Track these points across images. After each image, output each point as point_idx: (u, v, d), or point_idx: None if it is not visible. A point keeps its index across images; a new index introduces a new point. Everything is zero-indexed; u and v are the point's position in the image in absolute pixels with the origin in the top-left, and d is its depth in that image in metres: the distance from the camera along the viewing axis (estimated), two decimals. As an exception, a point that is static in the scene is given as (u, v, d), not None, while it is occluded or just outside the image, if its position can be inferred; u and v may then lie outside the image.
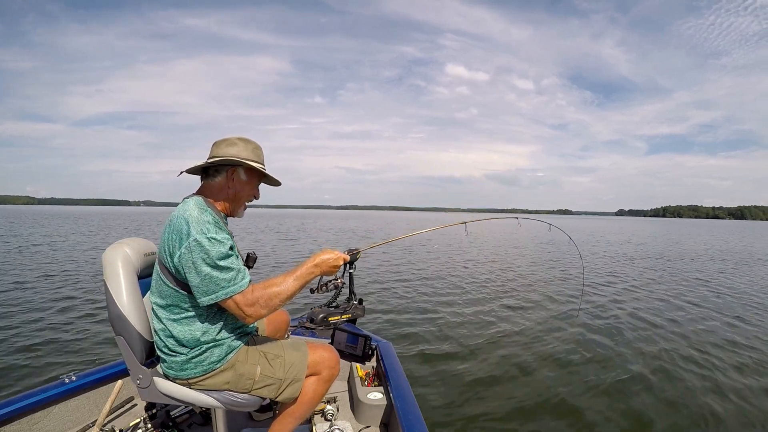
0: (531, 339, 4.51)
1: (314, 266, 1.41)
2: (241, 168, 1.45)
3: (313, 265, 1.41)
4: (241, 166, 1.45)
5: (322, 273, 1.44)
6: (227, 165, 1.44)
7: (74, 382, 1.82)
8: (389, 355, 2.20)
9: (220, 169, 1.44)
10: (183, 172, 1.45)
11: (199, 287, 1.24)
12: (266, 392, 1.42)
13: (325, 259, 1.43)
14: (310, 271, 1.40)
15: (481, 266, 10.74)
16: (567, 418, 2.88)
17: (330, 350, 1.55)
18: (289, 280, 1.35)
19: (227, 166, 1.44)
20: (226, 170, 1.44)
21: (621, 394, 3.21)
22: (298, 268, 1.39)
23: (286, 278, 1.35)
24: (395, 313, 5.42)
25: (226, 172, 1.44)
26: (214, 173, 1.44)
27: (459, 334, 4.66)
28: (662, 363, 3.86)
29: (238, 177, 1.45)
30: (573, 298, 6.77)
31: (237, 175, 1.45)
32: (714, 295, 7.24)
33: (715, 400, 3.12)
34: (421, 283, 7.85)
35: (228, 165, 1.44)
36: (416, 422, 1.58)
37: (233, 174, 1.45)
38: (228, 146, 1.44)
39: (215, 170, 1.44)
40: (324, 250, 1.45)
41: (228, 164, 1.43)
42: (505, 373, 3.57)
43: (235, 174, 1.45)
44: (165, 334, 1.35)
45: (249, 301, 1.28)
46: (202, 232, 1.23)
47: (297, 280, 1.36)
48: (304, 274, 1.38)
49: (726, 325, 5.23)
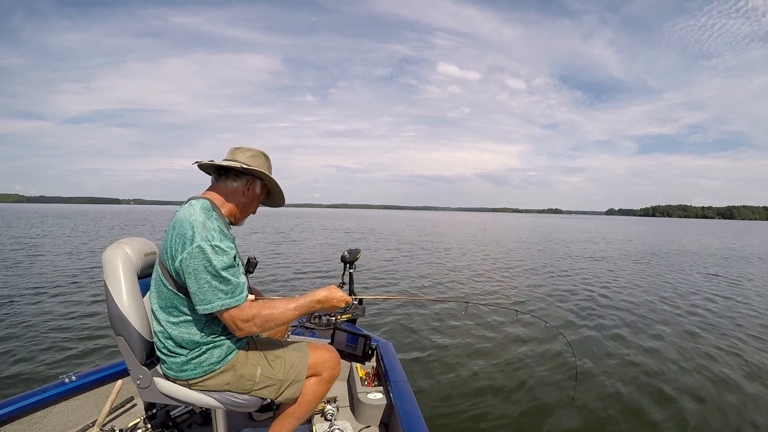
0: (531, 339, 4.50)
1: (317, 302, 1.41)
2: (260, 181, 1.48)
3: (316, 301, 1.41)
4: (261, 180, 1.48)
5: (322, 309, 1.45)
6: (249, 174, 1.45)
7: (74, 382, 1.82)
8: (389, 355, 2.21)
9: (241, 176, 1.45)
10: (196, 163, 1.44)
11: (196, 295, 1.24)
12: (266, 393, 1.42)
13: (329, 298, 1.43)
14: (311, 306, 1.40)
15: (485, 265, 10.78)
16: (567, 416, 2.89)
17: (331, 351, 1.56)
18: (289, 307, 1.35)
19: (248, 175, 1.45)
20: (246, 179, 1.45)
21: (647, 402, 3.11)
22: (300, 298, 1.39)
23: (287, 305, 1.35)
24: (395, 312, 5.42)
25: (246, 181, 1.45)
26: (234, 177, 1.44)
27: (459, 334, 4.67)
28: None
29: (254, 189, 1.48)
30: (573, 304, 6.80)
31: (254, 186, 1.48)
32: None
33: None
34: (421, 283, 7.87)
35: (250, 174, 1.45)
36: (416, 422, 1.59)
37: (252, 184, 1.47)
38: (252, 157, 1.45)
39: (235, 175, 1.44)
40: (330, 289, 1.45)
41: (251, 174, 1.44)
42: (505, 374, 3.59)
43: (253, 185, 1.47)
44: (164, 335, 1.35)
45: (244, 317, 1.27)
46: (206, 239, 1.23)
47: (296, 310, 1.36)
48: (304, 306, 1.39)
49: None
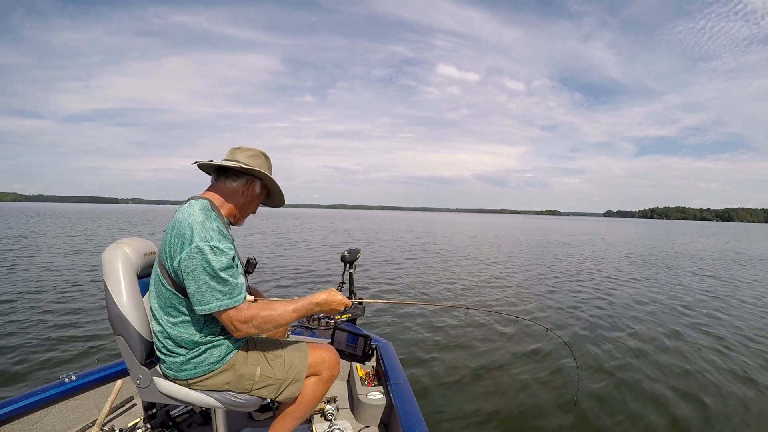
0: (532, 344, 4.46)
1: (316, 305, 1.41)
2: (259, 181, 1.48)
3: (315, 303, 1.41)
4: (261, 180, 1.48)
5: (321, 312, 1.45)
6: (248, 174, 1.45)
7: (74, 381, 1.82)
8: (389, 355, 2.21)
9: (240, 176, 1.45)
10: (196, 162, 1.44)
11: (195, 295, 1.24)
12: (266, 392, 1.42)
13: (329, 301, 1.43)
14: (310, 308, 1.40)
15: (487, 265, 10.78)
16: (568, 419, 2.88)
17: (330, 351, 1.56)
18: (288, 309, 1.34)
19: (248, 175, 1.45)
20: (246, 178, 1.46)
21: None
22: (299, 300, 1.39)
23: (286, 307, 1.35)
24: (395, 313, 5.41)
25: (246, 181, 1.46)
26: (233, 177, 1.45)
27: (460, 333, 4.67)
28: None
29: (253, 189, 1.48)
30: (572, 307, 6.82)
31: (254, 186, 1.48)
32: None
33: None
34: (421, 285, 7.86)
35: (249, 174, 1.45)
36: (416, 422, 1.59)
37: (251, 184, 1.47)
38: (251, 157, 1.45)
39: (235, 174, 1.45)
40: (330, 292, 1.45)
41: (250, 174, 1.45)
42: (506, 376, 3.58)
43: (252, 185, 1.47)
44: (163, 335, 1.35)
45: (242, 318, 1.27)
46: (205, 240, 1.23)
47: (295, 312, 1.36)
48: (304, 308, 1.38)
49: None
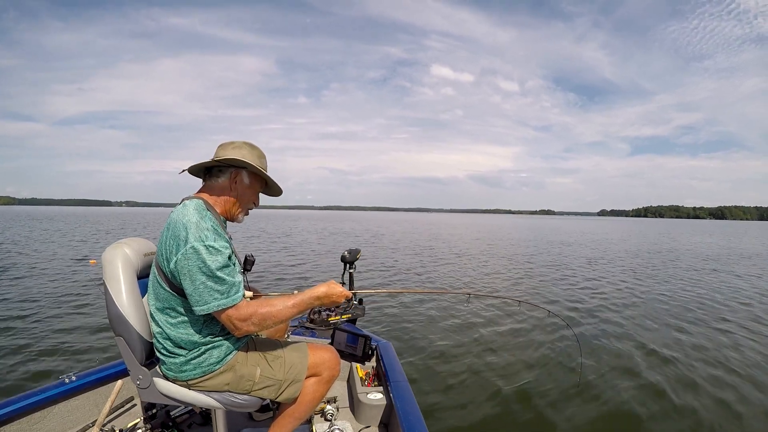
0: (532, 340, 4.49)
1: (316, 298, 1.40)
2: (245, 171, 1.46)
3: (316, 297, 1.40)
4: (245, 169, 1.45)
5: (322, 305, 1.44)
6: (231, 167, 1.43)
7: (74, 382, 1.81)
8: (389, 355, 2.20)
9: (224, 171, 1.44)
10: (185, 170, 1.44)
11: (192, 296, 1.24)
12: (266, 393, 1.42)
13: (329, 294, 1.42)
14: (310, 302, 1.39)
15: (487, 265, 10.80)
16: (572, 410, 2.90)
17: (330, 351, 1.56)
18: (287, 305, 1.34)
19: (231, 168, 1.44)
20: (230, 172, 1.44)
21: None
22: (299, 295, 1.39)
23: (285, 302, 1.34)
24: (395, 313, 5.41)
25: (230, 174, 1.44)
26: (217, 174, 1.44)
27: (460, 329, 4.68)
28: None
29: (241, 180, 1.46)
30: (572, 306, 6.84)
31: (240, 178, 1.45)
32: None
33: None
34: (422, 283, 7.87)
35: (232, 167, 1.44)
36: (416, 422, 1.59)
37: (237, 176, 1.45)
38: (234, 149, 1.44)
39: (219, 171, 1.44)
40: (330, 284, 1.44)
41: (232, 166, 1.43)
42: (508, 371, 3.59)
43: (238, 177, 1.45)
44: (162, 336, 1.34)
45: (241, 316, 1.27)
46: (200, 240, 1.23)
47: (295, 306, 1.35)
48: (304, 302, 1.38)
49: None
